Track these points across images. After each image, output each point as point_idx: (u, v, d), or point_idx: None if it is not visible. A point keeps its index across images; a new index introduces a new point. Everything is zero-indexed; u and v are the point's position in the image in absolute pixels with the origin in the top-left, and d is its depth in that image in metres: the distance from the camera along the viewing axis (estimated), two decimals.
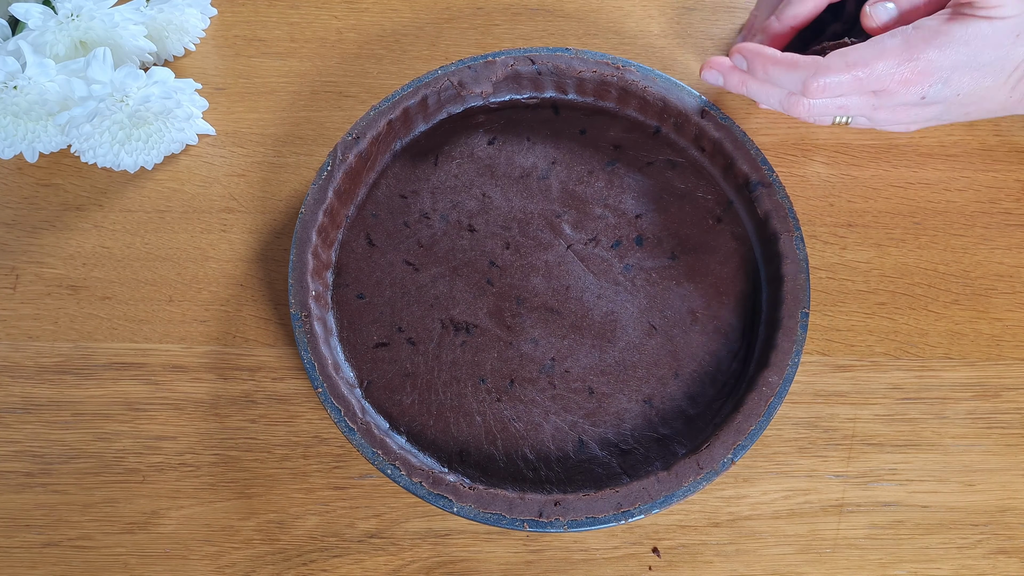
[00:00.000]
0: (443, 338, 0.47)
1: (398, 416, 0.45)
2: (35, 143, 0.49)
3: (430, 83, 0.50)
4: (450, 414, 0.45)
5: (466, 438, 0.45)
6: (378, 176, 0.50)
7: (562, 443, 0.45)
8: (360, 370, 0.46)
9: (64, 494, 0.45)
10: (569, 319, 0.47)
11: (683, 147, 0.50)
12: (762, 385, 0.44)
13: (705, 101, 0.49)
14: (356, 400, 0.44)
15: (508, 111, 0.52)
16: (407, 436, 0.44)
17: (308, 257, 0.46)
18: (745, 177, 0.48)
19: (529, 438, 0.45)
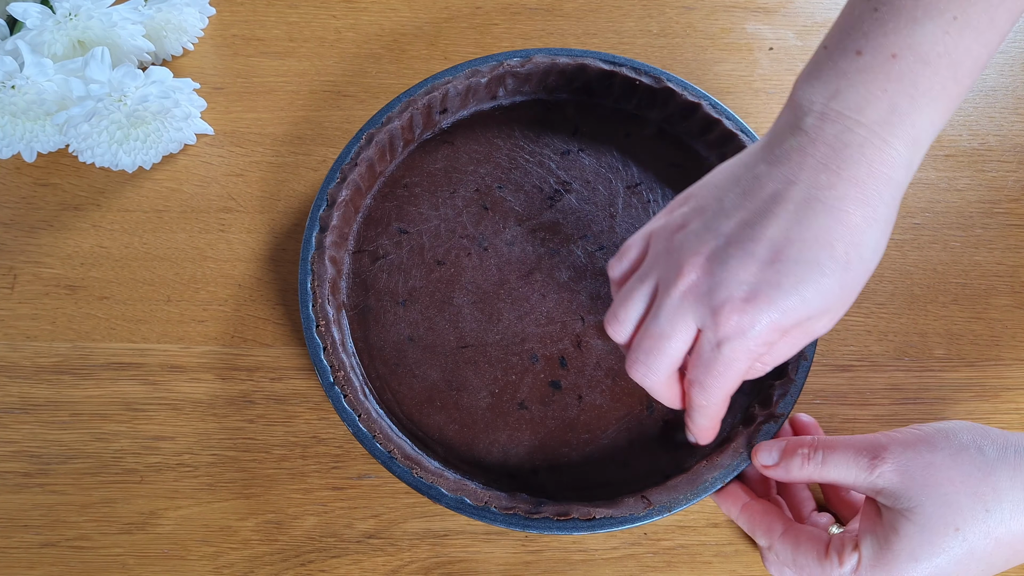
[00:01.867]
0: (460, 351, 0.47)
1: (434, 435, 0.45)
2: (33, 143, 0.49)
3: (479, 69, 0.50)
4: (470, 424, 0.45)
5: (479, 443, 0.45)
6: (395, 172, 0.50)
7: (576, 449, 0.44)
8: (381, 382, 0.46)
9: (62, 494, 0.45)
10: (580, 324, 0.47)
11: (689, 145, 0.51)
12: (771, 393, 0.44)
13: (707, 96, 0.49)
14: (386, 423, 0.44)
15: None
16: (443, 457, 0.44)
17: (326, 264, 0.46)
18: None
19: (547, 445, 0.45)
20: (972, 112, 0.53)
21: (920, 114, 0.34)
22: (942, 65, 0.34)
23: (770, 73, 0.55)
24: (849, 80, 0.35)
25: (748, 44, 0.56)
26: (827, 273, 0.35)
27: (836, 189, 0.34)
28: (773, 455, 0.40)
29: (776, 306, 0.35)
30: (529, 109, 0.52)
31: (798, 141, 0.35)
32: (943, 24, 0.34)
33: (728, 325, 0.35)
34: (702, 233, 0.37)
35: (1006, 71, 0.55)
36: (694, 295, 0.36)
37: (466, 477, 0.43)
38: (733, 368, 0.37)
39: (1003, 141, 0.53)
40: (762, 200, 0.36)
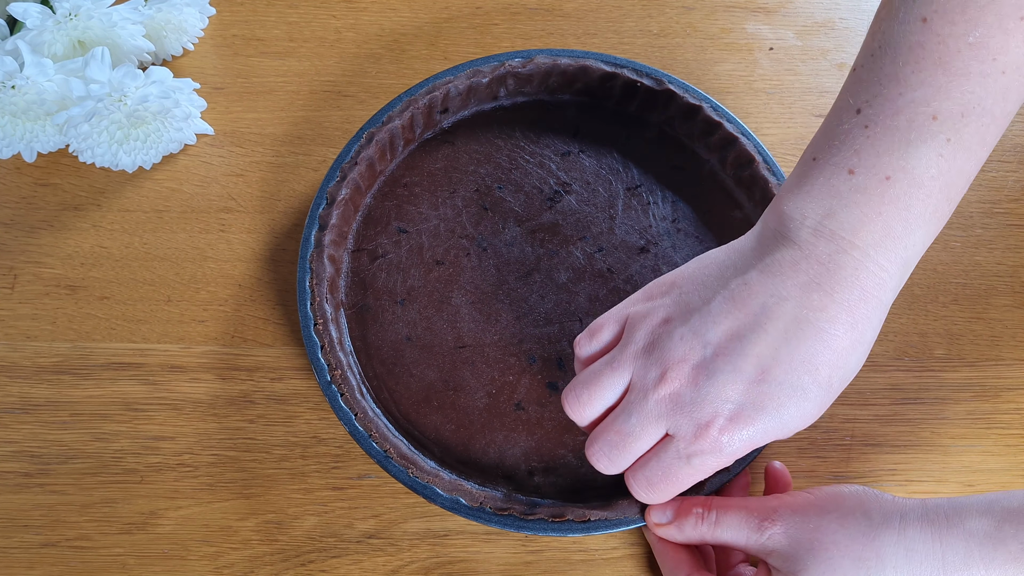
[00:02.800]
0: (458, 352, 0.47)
1: (432, 436, 0.45)
2: (33, 143, 0.49)
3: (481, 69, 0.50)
4: (467, 424, 0.45)
5: (476, 443, 0.45)
6: (395, 170, 0.50)
7: (572, 451, 0.45)
8: (378, 381, 0.46)
9: (62, 494, 0.45)
10: (578, 326, 0.47)
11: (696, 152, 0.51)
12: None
13: (709, 98, 0.49)
14: (382, 423, 0.44)
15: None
16: (439, 458, 0.44)
17: (325, 262, 0.46)
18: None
19: (543, 447, 0.45)
20: None
21: (913, 236, 0.34)
22: (936, 187, 0.34)
23: (770, 73, 0.55)
24: (843, 200, 0.34)
25: (748, 44, 0.56)
26: (809, 398, 0.35)
27: (827, 311, 0.34)
28: (667, 514, 0.40)
29: (756, 427, 0.35)
30: (530, 110, 0.52)
31: (791, 255, 0.35)
32: (936, 147, 0.33)
33: (707, 441, 0.35)
34: (688, 337, 0.36)
35: None
36: (675, 404, 0.36)
37: (462, 477, 0.43)
38: (694, 478, 0.37)
39: (1003, 141, 0.52)
40: (752, 312, 0.35)
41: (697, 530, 0.39)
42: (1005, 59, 0.32)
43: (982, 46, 0.32)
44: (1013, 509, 0.34)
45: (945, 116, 0.33)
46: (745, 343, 0.35)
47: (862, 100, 0.35)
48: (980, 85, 0.33)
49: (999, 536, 0.34)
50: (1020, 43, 0.32)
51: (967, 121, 0.33)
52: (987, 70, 0.33)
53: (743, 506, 0.39)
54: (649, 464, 0.37)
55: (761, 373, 0.35)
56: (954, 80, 0.33)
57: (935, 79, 0.33)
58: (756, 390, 0.35)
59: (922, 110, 0.33)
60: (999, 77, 0.33)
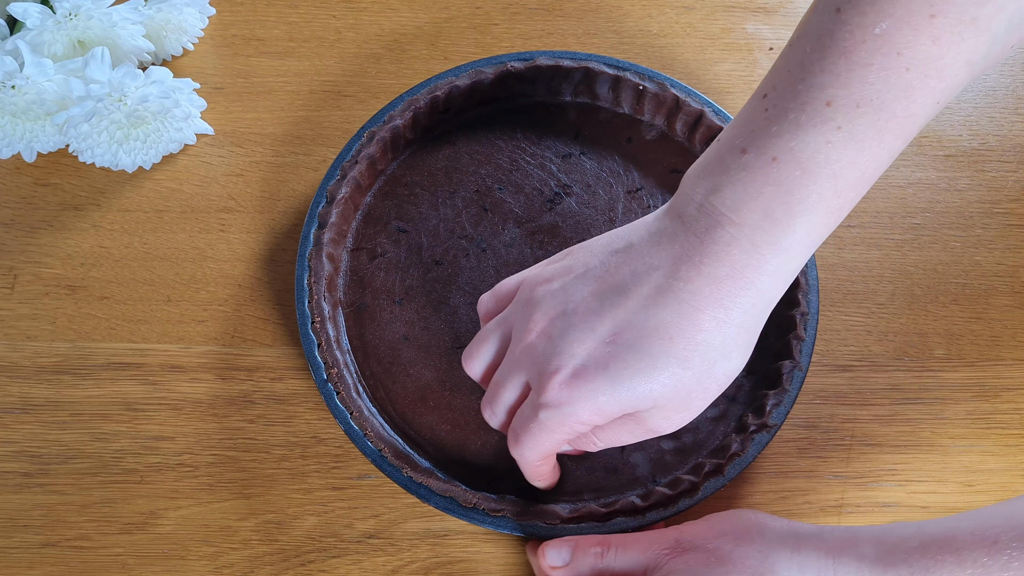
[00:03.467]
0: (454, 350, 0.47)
1: (425, 434, 0.45)
2: (33, 143, 0.49)
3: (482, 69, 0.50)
4: (463, 425, 0.45)
5: (471, 444, 0.45)
6: (395, 171, 0.50)
7: (567, 453, 0.45)
8: (375, 380, 0.46)
9: (62, 494, 0.45)
10: None
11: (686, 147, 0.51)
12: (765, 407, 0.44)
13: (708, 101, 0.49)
14: (379, 422, 0.44)
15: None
16: (434, 457, 0.44)
17: (324, 260, 0.46)
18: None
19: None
20: (972, 112, 0.53)
21: (794, 223, 0.33)
22: (822, 175, 0.33)
23: None
24: (729, 177, 0.34)
25: (748, 44, 0.55)
26: (659, 367, 0.34)
27: (692, 283, 0.34)
28: (563, 555, 0.40)
29: (598, 389, 0.35)
30: (531, 111, 0.52)
31: (673, 227, 0.35)
32: (826, 133, 0.32)
33: (550, 394, 0.35)
34: (558, 293, 0.36)
35: (1006, 71, 0.55)
36: (530, 354, 0.36)
37: (457, 478, 0.43)
38: (547, 434, 0.36)
39: (1003, 141, 0.52)
40: (621, 277, 0.35)
41: (595, 567, 0.39)
42: (910, 55, 0.32)
43: (887, 38, 0.32)
44: (904, 537, 0.35)
45: (839, 104, 0.32)
46: (605, 304, 0.35)
47: (769, 85, 0.34)
48: (881, 79, 0.32)
49: (889, 560, 0.34)
50: (928, 42, 0.31)
51: (862, 112, 0.32)
52: (890, 64, 0.32)
53: (643, 538, 0.39)
54: (516, 417, 0.38)
55: (613, 335, 0.35)
56: (854, 70, 0.32)
57: (836, 67, 0.32)
58: (603, 350, 0.35)
59: (817, 95, 0.32)
60: (902, 73, 0.32)
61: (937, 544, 0.33)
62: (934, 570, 0.33)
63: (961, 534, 0.33)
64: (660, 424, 0.36)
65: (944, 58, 0.32)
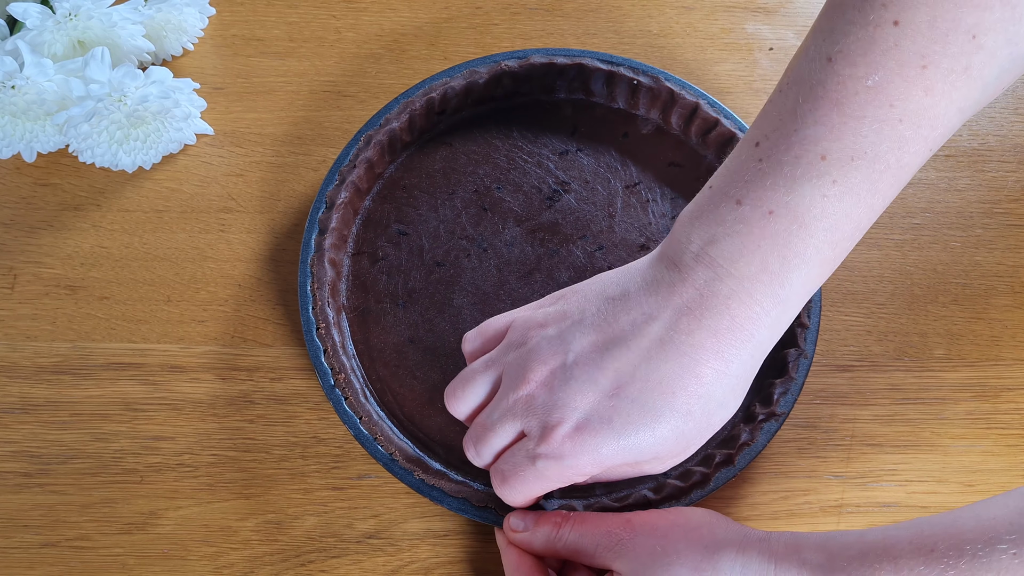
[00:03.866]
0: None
1: (432, 437, 0.45)
2: (33, 143, 0.49)
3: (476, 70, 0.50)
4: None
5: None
6: (395, 172, 0.50)
7: None
8: (382, 384, 0.46)
9: (62, 494, 0.45)
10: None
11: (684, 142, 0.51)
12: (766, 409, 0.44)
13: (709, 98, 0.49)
14: (388, 425, 0.44)
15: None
16: (444, 459, 0.44)
17: (326, 266, 0.46)
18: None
19: None
20: None
21: (791, 275, 0.33)
22: (818, 228, 0.33)
23: (770, 73, 0.55)
24: (726, 229, 0.34)
25: (748, 44, 0.55)
26: (662, 421, 0.35)
27: (693, 336, 0.34)
28: (526, 521, 0.40)
29: (602, 442, 0.35)
30: (527, 110, 0.52)
31: (671, 278, 0.35)
32: (822, 187, 0.33)
33: (551, 446, 0.36)
34: (555, 342, 0.37)
35: None
36: (528, 404, 0.36)
37: (468, 478, 0.43)
38: (542, 482, 0.37)
39: (1003, 141, 0.52)
40: (621, 327, 0.35)
41: (551, 538, 0.39)
42: (903, 107, 0.32)
43: (880, 91, 0.32)
44: (846, 544, 0.35)
45: (834, 157, 0.32)
46: (606, 356, 0.35)
47: (761, 134, 0.34)
48: (874, 131, 0.32)
49: (830, 567, 0.34)
50: (920, 93, 0.32)
51: (857, 165, 0.32)
52: (883, 115, 0.32)
53: (601, 518, 0.39)
54: (504, 459, 0.38)
55: (616, 388, 0.35)
56: (848, 122, 0.32)
57: (829, 119, 0.32)
58: (607, 403, 0.35)
59: (812, 148, 0.33)
60: (896, 124, 0.32)
61: (876, 552, 0.34)
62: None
63: (900, 543, 0.34)
64: (655, 468, 0.38)
65: (937, 107, 0.32)
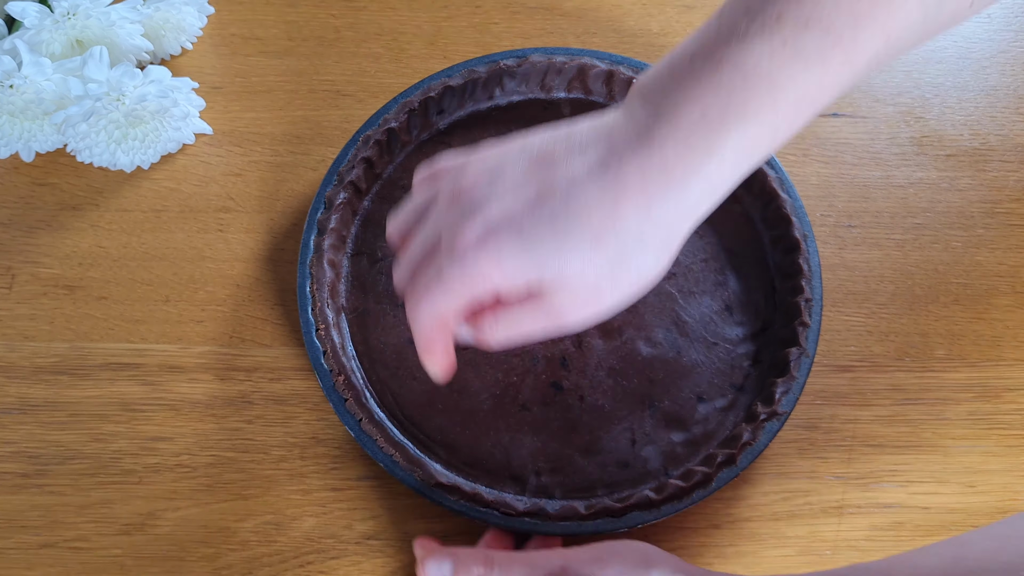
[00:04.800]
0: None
1: (433, 434, 0.45)
2: (31, 142, 0.49)
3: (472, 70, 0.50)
4: (472, 426, 0.45)
5: (482, 445, 0.45)
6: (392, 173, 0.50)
7: (578, 450, 0.44)
8: (382, 385, 0.46)
9: (60, 495, 0.45)
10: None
11: None
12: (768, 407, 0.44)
13: None
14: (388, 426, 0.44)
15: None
16: (445, 460, 0.44)
17: (325, 267, 0.46)
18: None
19: (549, 446, 0.44)
20: (973, 112, 0.53)
21: (730, 130, 0.33)
22: (762, 86, 0.33)
23: None
24: (675, 81, 0.34)
25: None
26: (571, 240, 0.34)
27: (621, 170, 0.34)
28: (444, 569, 0.39)
29: (505, 247, 0.34)
30: (526, 109, 0.51)
31: (614, 119, 0.35)
32: (771, 44, 0.33)
33: (456, 245, 0.35)
34: (490, 159, 0.37)
35: (1007, 71, 0.54)
36: (452, 207, 0.36)
37: (469, 480, 0.43)
38: (445, 289, 0.35)
39: (1004, 141, 0.52)
40: (556, 154, 0.35)
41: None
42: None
43: None
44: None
45: (788, 19, 0.33)
46: (532, 174, 0.35)
47: (726, 3, 0.35)
48: (832, 1, 0.32)
49: None
50: None
51: (810, 30, 0.33)
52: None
53: (527, 560, 0.38)
54: (416, 274, 0.37)
55: (534, 200, 0.34)
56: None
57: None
58: (521, 212, 0.34)
59: (769, 9, 0.33)
60: (853, 1, 0.32)
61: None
62: None
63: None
64: (565, 310, 0.35)
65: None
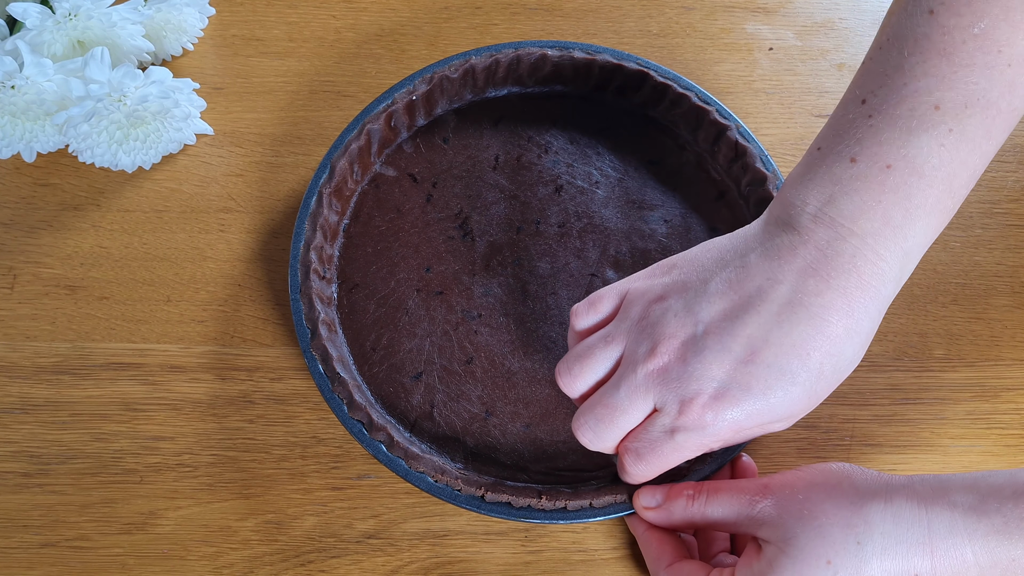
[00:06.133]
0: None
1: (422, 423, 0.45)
2: (33, 143, 0.49)
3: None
4: (478, 423, 0.45)
5: (471, 429, 0.45)
6: (372, 178, 0.50)
7: (568, 440, 0.45)
8: (379, 385, 0.46)
9: (61, 495, 0.45)
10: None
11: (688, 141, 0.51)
12: None
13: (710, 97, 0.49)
14: (400, 433, 0.44)
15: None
16: (426, 437, 0.45)
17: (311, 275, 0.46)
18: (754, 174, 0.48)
19: (539, 432, 0.45)
20: None
21: (913, 227, 0.34)
22: (937, 178, 0.33)
23: (770, 73, 0.55)
24: (843, 187, 0.34)
25: (748, 44, 0.56)
26: (798, 383, 0.35)
27: (822, 297, 0.34)
28: (657, 497, 0.40)
29: (742, 408, 0.35)
30: (512, 102, 0.51)
31: (790, 240, 0.35)
32: (938, 136, 0.33)
33: (690, 417, 0.35)
34: (682, 314, 0.36)
35: None
36: (662, 378, 0.36)
37: (479, 473, 0.43)
38: (679, 454, 0.37)
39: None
40: (747, 294, 0.35)
41: (687, 511, 0.39)
42: (1011, 51, 0.32)
43: (987, 37, 0.32)
44: (996, 485, 0.35)
45: (948, 106, 0.33)
46: (736, 323, 0.35)
47: (867, 91, 0.35)
48: (984, 77, 0.33)
49: (983, 508, 0.34)
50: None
51: (970, 112, 0.33)
52: (992, 62, 0.32)
53: (734, 485, 0.39)
54: (638, 437, 0.38)
55: (750, 354, 0.35)
56: (958, 71, 0.33)
57: (939, 69, 0.33)
58: (743, 370, 0.35)
59: (924, 99, 0.33)
60: (1005, 69, 0.32)
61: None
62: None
63: None
64: (780, 428, 0.37)
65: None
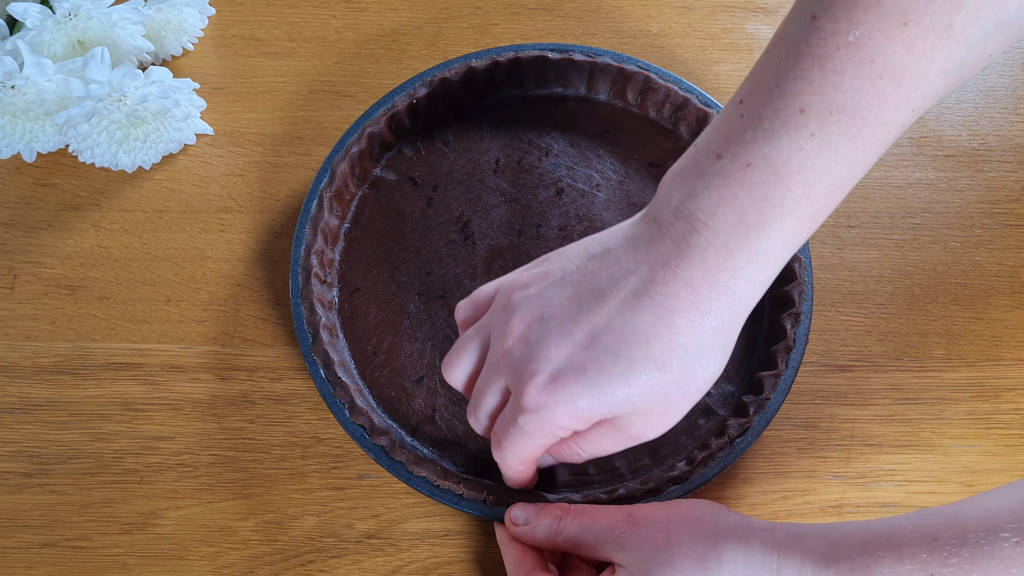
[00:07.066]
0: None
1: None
2: (33, 143, 0.49)
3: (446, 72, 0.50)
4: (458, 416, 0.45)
5: (473, 433, 0.45)
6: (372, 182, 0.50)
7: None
8: (380, 388, 0.46)
9: (62, 494, 0.45)
10: None
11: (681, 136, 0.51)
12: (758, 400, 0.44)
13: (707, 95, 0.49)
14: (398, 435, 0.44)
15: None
16: (428, 444, 0.45)
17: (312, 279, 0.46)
18: None
19: None
20: (972, 112, 0.53)
21: (768, 228, 0.33)
22: (796, 182, 0.33)
23: None
24: (705, 183, 0.34)
25: (748, 44, 0.56)
26: (636, 371, 0.34)
27: (668, 287, 0.34)
28: (527, 514, 0.40)
29: (576, 393, 0.35)
30: (512, 105, 0.51)
31: (650, 232, 0.35)
32: (799, 140, 0.32)
33: (528, 398, 0.35)
34: (535, 298, 0.37)
35: (1006, 71, 0.55)
36: (509, 359, 0.36)
37: (480, 477, 0.43)
38: (527, 439, 0.37)
39: (1003, 141, 0.52)
40: (599, 282, 0.36)
41: (552, 530, 0.39)
42: (883, 63, 0.32)
43: (861, 46, 0.32)
44: (848, 533, 0.35)
45: (813, 111, 0.32)
46: (582, 308, 0.35)
47: (746, 91, 0.34)
48: (854, 86, 0.32)
49: (832, 555, 0.34)
50: (901, 50, 0.31)
51: (836, 119, 0.32)
52: (863, 71, 0.32)
53: (603, 510, 0.39)
54: (497, 422, 0.38)
55: (590, 339, 0.35)
56: (828, 77, 0.32)
57: (810, 74, 0.32)
58: (581, 354, 0.35)
59: (791, 102, 0.33)
60: (876, 80, 0.32)
61: (879, 541, 0.34)
62: (874, 566, 0.33)
63: (902, 531, 0.34)
64: (641, 430, 0.37)
65: (918, 66, 0.32)
